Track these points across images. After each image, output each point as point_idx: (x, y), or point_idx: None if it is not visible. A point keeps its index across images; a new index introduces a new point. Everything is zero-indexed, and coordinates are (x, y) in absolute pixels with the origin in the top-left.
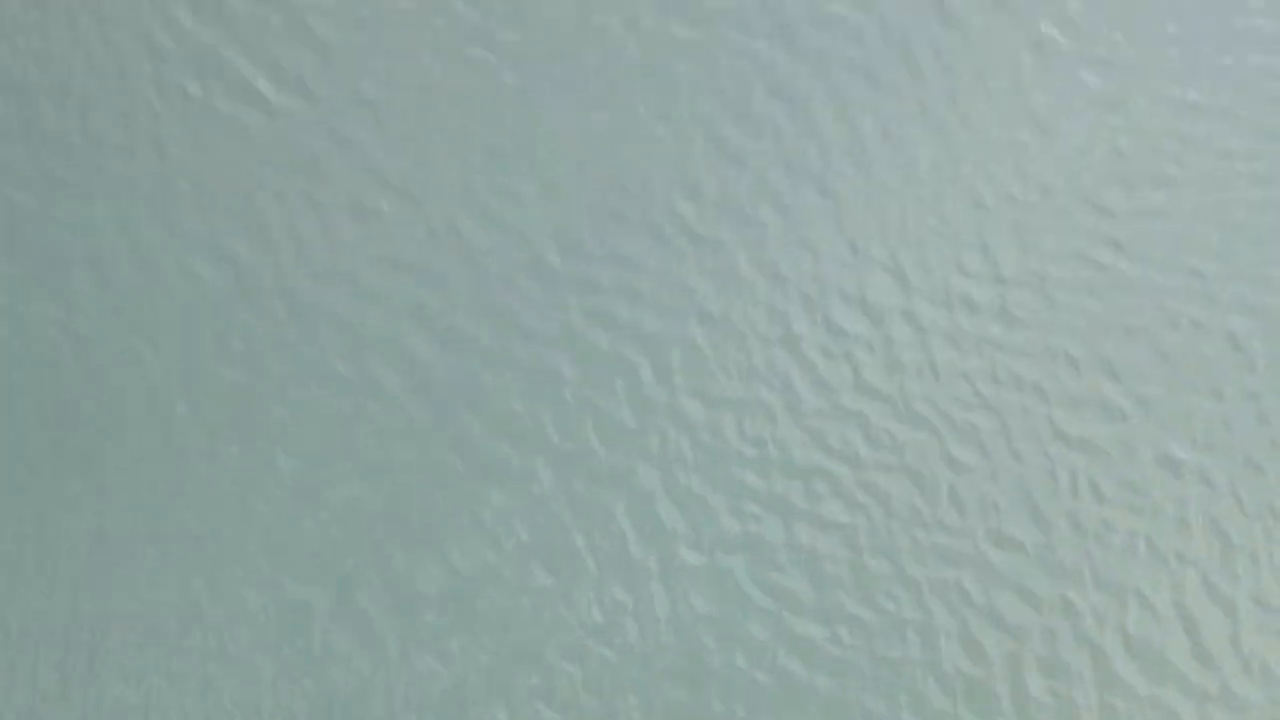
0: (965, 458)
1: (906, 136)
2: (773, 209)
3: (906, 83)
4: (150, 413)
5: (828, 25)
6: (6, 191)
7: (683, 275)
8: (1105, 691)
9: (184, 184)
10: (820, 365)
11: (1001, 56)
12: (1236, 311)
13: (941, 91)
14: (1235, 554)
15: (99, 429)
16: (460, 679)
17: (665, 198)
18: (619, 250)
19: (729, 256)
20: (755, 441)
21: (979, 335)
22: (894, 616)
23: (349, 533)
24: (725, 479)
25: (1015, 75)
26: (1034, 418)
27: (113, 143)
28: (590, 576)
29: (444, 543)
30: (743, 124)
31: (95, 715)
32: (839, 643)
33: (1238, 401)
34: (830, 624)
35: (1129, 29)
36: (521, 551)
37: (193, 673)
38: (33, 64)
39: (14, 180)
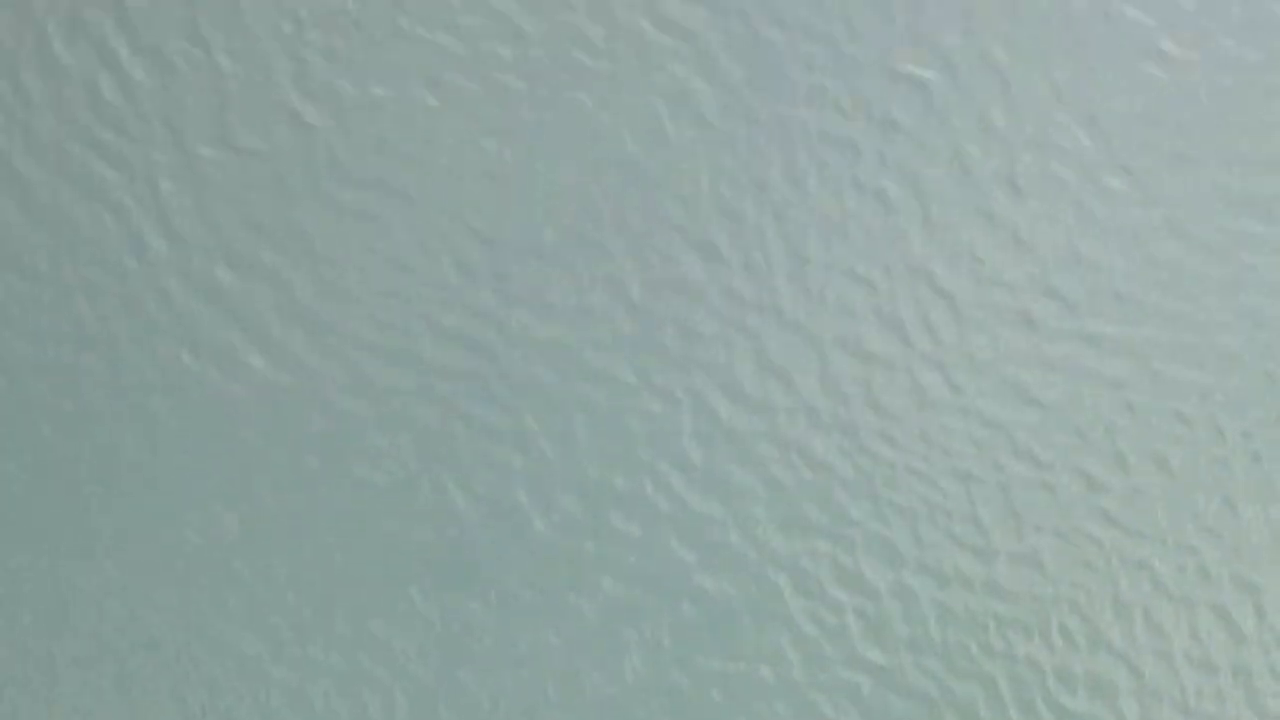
0: None
1: (894, 408)
2: (760, 482)
3: (897, 353)
4: (132, 665)
5: (813, 296)
6: None
7: (671, 549)
8: None
9: (173, 456)
10: (814, 638)
11: (992, 330)
12: (1230, 588)
13: (930, 363)
14: None
15: (79, 681)
16: None
17: (652, 470)
18: (607, 522)
19: (718, 530)
20: (747, 716)
21: (971, 607)
22: None
23: None
24: None
25: (1005, 350)
26: (1028, 690)
27: (101, 416)
28: None
29: None
30: (731, 397)
31: None
32: None
33: (1229, 676)
34: None
35: (1124, 307)
36: None
37: None
38: (25, 340)
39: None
